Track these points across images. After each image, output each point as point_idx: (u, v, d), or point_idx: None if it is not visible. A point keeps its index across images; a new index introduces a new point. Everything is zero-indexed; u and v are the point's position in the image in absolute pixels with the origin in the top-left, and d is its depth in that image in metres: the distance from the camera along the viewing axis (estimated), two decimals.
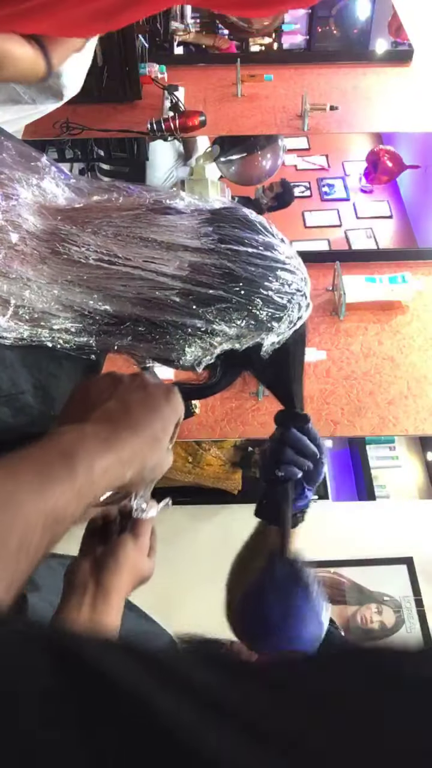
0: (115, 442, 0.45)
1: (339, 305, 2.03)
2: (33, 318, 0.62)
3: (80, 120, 2.18)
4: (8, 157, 0.66)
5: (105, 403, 0.49)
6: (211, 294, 0.63)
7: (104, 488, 0.44)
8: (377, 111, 2.37)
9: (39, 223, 0.63)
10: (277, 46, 2.89)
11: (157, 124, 2.12)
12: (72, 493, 0.40)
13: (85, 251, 0.62)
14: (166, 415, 0.51)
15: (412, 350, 2.00)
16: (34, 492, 0.38)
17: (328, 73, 2.54)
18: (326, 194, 2.88)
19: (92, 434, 0.45)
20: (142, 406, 0.49)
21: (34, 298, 0.61)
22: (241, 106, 2.40)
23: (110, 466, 0.44)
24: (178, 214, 0.65)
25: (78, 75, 1.49)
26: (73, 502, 0.40)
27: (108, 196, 0.68)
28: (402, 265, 2.17)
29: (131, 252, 0.62)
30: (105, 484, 0.44)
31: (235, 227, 0.65)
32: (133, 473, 0.47)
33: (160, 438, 0.50)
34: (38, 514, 0.37)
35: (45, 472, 0.40)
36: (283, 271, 0.66)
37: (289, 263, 0.67)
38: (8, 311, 0.61)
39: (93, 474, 0.42)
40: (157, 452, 0.49)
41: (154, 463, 0.49)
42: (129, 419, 0.48)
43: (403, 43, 2.66)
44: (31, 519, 0.37)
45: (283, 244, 0.68)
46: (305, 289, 0.69)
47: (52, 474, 0.40)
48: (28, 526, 0.37)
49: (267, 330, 0.67)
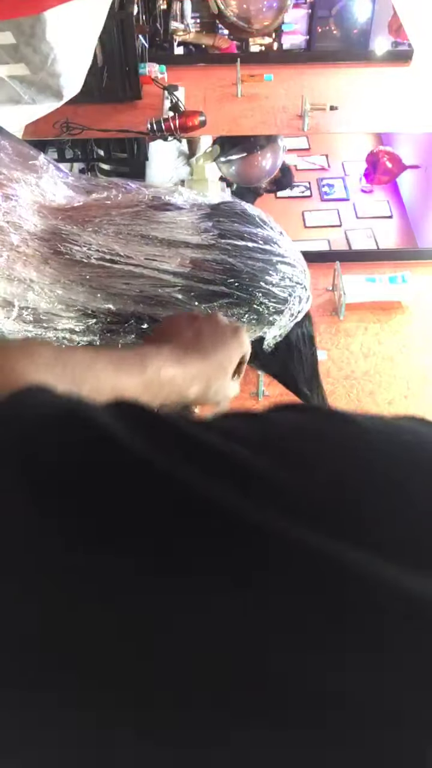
0: (184, 359, 0.53)
1: (339, 305, 2.03)
2: (37, 319, 0.62)
3: (80, 120, 2.18)
4: (6, 156, 0.66)
5: (182, 333, 0.57)
6: (213, 290, 0.63)
7: (169, 394, 0.51)
8: (377, 111, 2.37)
9: (39, 223, 0.63)
10: (277, 46, 2.89)
11: (156, 124, 2.12)
12: (139, 385, 0.48)
13: (87, 251, 0.62)
14: (231, 348, 0.58)
15: (412, 350, 2.00)
16: (109, 372, 0.45)
17: (328, 73, 2.54)
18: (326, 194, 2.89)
19: (166, 351, 0.53)
20: (212, 338, 0.57)
21: (37, 299, 0.61)
22: (241, 106, 2.40)
23: (176, 376, 0.52)
24: (177, 210, 0.65)
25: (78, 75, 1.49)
26: (137, 390, 0.47)
27: (107, 193, 0.68)
28: (402, 265, 2.17)
29: (132, 250, 0.62)
30: (170, 390, 0.51)
31: (234, 222, 0.65)
32: (197, 391, 0.54)
33: (225, 366, 0.57)
34: (107, 382, 0.45)
35: (120, 363, 0.47)
36: (283, 264, 0.66)
37: (288, 256, 0.67)
38: (13, 313, 0.61)
39: (160, 377, 0.50)
40: (221, 378, 0.56)
41: (218, 387, 0.56)
42: (199, 346, 0.56)
43: (403, 43, 2.66)
44: (102, 385, 0.44)
45: (282, 237, 0.68)
46: (305, 282, 0.69)
47: (125, 365, 0.48)
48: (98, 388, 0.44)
49: (269, 324, 0.67)
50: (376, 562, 0.25)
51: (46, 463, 0.31)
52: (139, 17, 2.23)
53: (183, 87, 2.38)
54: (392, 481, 0.30)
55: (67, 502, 0.30)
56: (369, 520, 0.28)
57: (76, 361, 0.44)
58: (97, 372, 0.45)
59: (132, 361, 0.49)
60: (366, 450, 0.32)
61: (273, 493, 0.28)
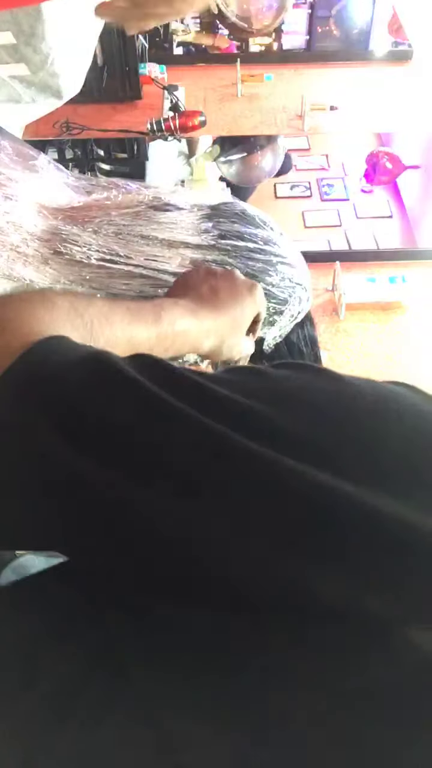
0: (199, 313, 0.54)
1: (339, 305, 2.03)
2: None
3: (80, 120, 2.18)
4: (6, 156, 0.66)
5: (198, 288, 0.57)
6: None
7: (182, 346, 0.53)
8: (377, 111, 2.37)
9: (40, 223, 0.63)
10: (277, 46, 2.89)
11: (156, 124, 2.12)
12: (153, 335, 0.49)
13: (87, 251, 0.62)
14: (246, 305, 0.58)
15: (412, 350, 2.00)
16: (125, 323, 0.47)
17: (328, 73, 2.54)
18: (326, 194, 2.89)
19: (182, 304, 0.54)
20: (228, 293, 0.57)
21: None
22: (241, 106, 2.40)
23: (190, 329, 0.53)
24: (177, 211, 0.65)
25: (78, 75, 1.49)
26: (152, 340, 0.49)
27: (107, 194, 0.68)
28: (402, 265, 2.17)
29: (133, 250, 0.62)
30: (183, 343, 0.52)
31: (234, 222, 0.65)
32: (210, 345, 0.55)
33: (239, 323, 0.58)
34: (123, 335, 0.46)
35: (136, 314, 0.48)
36: (282, 265, 0.66)
37: (288, 257, 0.67)
38: None
39: (174, 328, 0.51)
40: (235, 335, 0.58)
41: (231, 343, 0.57)
42: (215, 301, 0.56)
43: (403, 43, 2.66)
44: (118, 336, 0.46)
45: (282, 237, 0.67)
46: (305, 282, 0.69)
47: (142, 315, 0.49)
48: (114, 339, 0.45)
49: (269, 324, 0.67)
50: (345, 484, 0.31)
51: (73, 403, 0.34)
52: None
53: (183, 87, 2.38)
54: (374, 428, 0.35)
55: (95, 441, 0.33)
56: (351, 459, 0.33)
57: (93, 312, 0.45)
58: (114, 323, 0.46)
59: (148, 312, 0.50)
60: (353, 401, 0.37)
61: (287, 439, 0.33)
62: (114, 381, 0.36)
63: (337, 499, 0.30)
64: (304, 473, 0.31)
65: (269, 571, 0.30)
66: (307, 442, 0.33)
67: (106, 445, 0.33)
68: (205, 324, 0.54)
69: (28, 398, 0.35)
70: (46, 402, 0.35)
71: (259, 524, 0.31)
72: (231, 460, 0.32)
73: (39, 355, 0.38)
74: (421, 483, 0.32)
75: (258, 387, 0.37)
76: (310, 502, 0.31)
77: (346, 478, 0.31)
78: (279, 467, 0.31)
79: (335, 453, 0.33)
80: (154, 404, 0.34)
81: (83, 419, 0.34)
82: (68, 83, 1.42)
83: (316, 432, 0.34)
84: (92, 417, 0.34)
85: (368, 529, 0.30)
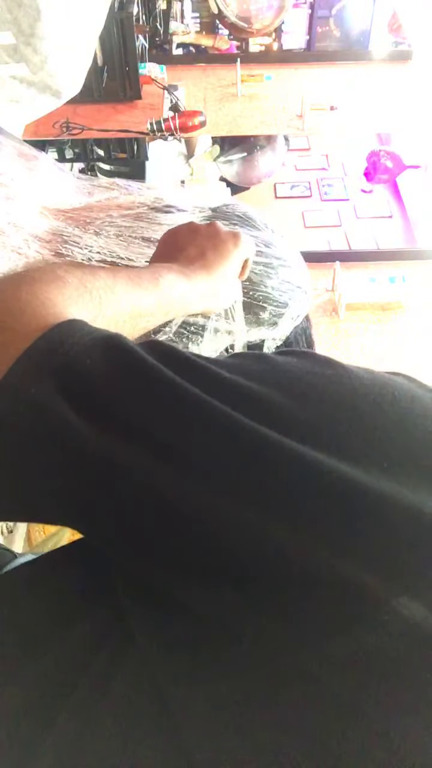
0: (193, 277, 0.56)
1: (339, 305, 2.03)
2: None
3: (80, 120, 2.18)
4: (8, 157, 0.66)
5: (186, 249, 0.59)
6: None
7: (180, 308, 0.55)
8: (377, 111, 2.37)
9: (41, 224, 0.63)
10: (277, 46, 2.88)
11: (156, 124, 2.11)
12: (154, 301, 0.51)
13: (89, 253, 0.62)
14: (233, 258, 0.60)
15: (412, 350, 2.00)
16: (128, 292, 0.49)
17: (328, 73, 2.54)
18: (326, 194, 2.88)
19: (176, 269, 0.56)
20: (214, 252, 0.59)
21: None
22: (241, 106, 2.40)
23: (186, 293, 0.55)
24: (179, 212, 0.65)
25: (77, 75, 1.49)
26: (153, 307, 0.51)
27: (108, 194, 0.67)
28: (402, 265, 2.17)
29: (134, 252, 0.62)
30: (180, 306, 0.55)
31: (235, 224, 0.65)
32: (205, 304, 0.58)
33: (229, 276, 0.60)
34: (127, 303, 0.48)
35: (136, 280, 0.50)
36: (282, 268, 0.65)
37: (288, 259, 0.66)
38: None
39: (172, 292, 0.53)
40: (227, 288, 0.60)
41: (223, 296, 0.60)
42: (204, 262, 0.58)
43: (402, 42, 2.66)
44: (123, 307, 0.48)
45: (282, 239, 0.67)
46: (305, 285, 0.69)
47: (142, 282, 0.51)
48: (120, 309, 0.47)
49: (269, 326, 0.67)
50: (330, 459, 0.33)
51: (89, 383, 0.36)
52: (139, 17, 2.23)
53: (183, 87, 2.37)
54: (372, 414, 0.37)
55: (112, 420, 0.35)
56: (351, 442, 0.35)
57: (100, 286, 0.46)
58: (118, 293, 0.48)
59: (147, 280, 0.51)
60: (350, 385, 0.39)
61: (286, 419, 0.35)
62: (130, 364, 0.37)
63: (337, 479, 0.32)
64: (317, 460, 0.33)
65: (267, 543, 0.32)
66: (310, 424, 0.35)
67: (125, 426, 0.35)
68: (198, 287, 0.56)
69: (49, 378, 0.36)
70: (66, 383, 0.36)
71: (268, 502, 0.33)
72: (240, 442, 0.34)
73: (57, 335, 0.38)
74: (417, 464, 0.34)
75: (263, 372, 0.39)
76: (319, 486, 0.32)
77: (345, 459, 0.33)
78: (286, 450, 0.33)
79: (336, 435, 0.35)
80: (168, 388, 0.36)
81: (102, 400, 0.36)
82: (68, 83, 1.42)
83: (317, 415, 0.36)
84: (110, 398, 0.36)
85: (363, 507, 0.32)
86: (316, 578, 0.31)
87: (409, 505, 0.32)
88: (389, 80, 2.46)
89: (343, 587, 0.31)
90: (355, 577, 0.31)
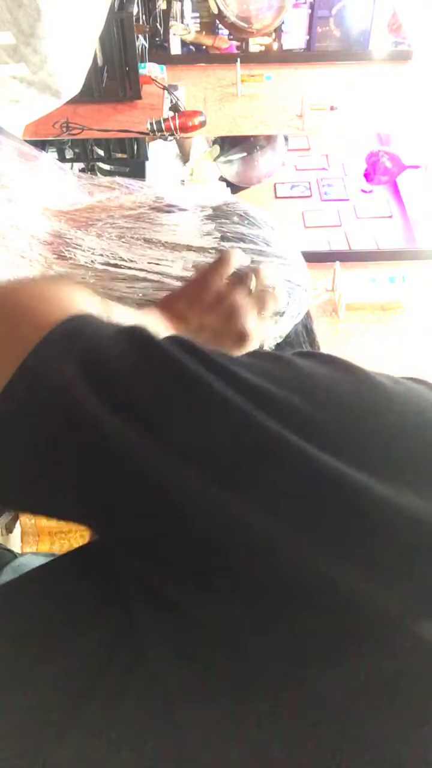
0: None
1: (339, 305, 2.03)
2: None
3: (80, 120, 2.18)
4: (8, 157, 0.66)
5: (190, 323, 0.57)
6: None
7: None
8: (377, 111, 2.37)
9: (43, 225, 0.63)
10: (277, 46, 2.88)
11: (156, 124, 2.11)
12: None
13: (91, 255, 0.61)
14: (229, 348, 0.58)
15: (412, 350, 2.00)
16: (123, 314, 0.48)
17: (328, 73, 2.54)
18: (326, 194, 2.88)
19: (166, 326, 0.54)
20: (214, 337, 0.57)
21: None
22: (241, 106, 2.40)
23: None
24: (180, 212, 0.65)
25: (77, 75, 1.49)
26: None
27: (109, 194, 0.67)
28: (402, 265, 2.17)
29: (136, 254, 0.62)
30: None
31: (236, 223, 0.65)
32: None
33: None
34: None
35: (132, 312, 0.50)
36: (282, 266, 0.65)
37: (288, 258, 0.67)
38: None
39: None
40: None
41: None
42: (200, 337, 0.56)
43: (402, 42, 2.66)
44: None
45: (282, 238, 0.67)
46: (305, 283, 0.69)
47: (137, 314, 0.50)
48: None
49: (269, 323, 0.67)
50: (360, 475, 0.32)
51: (110, 371, 0.36)
52: (139, 17, 2.22)
53: (183, 87, 2.37)
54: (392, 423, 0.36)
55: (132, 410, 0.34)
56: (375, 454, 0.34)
57: (104, 303, 0.46)
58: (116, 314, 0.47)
59: (140, 314, 0.50)
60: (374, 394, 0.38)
61: (307, 425, 0.34)
62: (152, 353, 0.37)
63: (359, 492, 0.31)
64: (337, 469, 0.32)
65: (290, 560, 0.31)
66: (331, 432, 0.34)
67: (150, 417, 0.34)
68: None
69: (70, 363, 0.36)
70: (88, 368, 0.35)
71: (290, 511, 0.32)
72: (264, 446, 0.33)
73: (78, 323, 0.38)
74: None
75: (283, 375, 0.38)
76: (337, 495, 0.32)
77: (369, 472, 0.32)
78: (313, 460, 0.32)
79: (358, 446, 0.34)
80: (190, 380, 0.35)
81: (125, 388, 0.35)
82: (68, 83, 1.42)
83: (338, 423, 0.35)
84: (133, 387, 0.35)
85: (386, 523, 0.31)
86: (336, 596, 0.30)
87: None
88: (389, 80, 2.46)
89: (362, 608, 0.30)
90: (373, 597, 0.30)
